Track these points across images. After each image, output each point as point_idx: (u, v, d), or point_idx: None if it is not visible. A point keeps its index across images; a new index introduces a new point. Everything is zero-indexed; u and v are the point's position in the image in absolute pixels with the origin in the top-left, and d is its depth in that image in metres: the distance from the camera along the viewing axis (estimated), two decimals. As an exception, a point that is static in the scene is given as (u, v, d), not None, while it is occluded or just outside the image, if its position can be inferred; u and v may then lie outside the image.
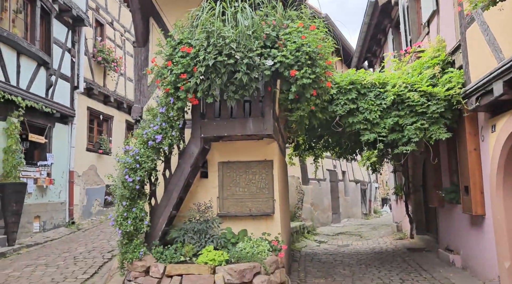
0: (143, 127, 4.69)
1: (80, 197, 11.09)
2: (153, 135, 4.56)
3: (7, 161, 7.96)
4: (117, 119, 13.27)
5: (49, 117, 9.57)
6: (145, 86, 5.93)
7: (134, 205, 4.56)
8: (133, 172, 4.50)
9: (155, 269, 4.46)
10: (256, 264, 4.56)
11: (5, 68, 7.97)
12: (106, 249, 7.68)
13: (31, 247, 8.16)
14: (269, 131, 4.87)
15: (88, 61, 11.40)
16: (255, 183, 5.54)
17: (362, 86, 6.11)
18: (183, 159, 5.00)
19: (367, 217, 19.20)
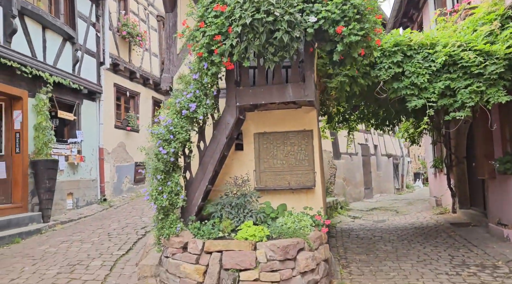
0: (175, 95, 4.38)
1: (111, 174, 11.08)
2: (186, 104, 4.24)
3: (38, 138, 7.90)
4: (143, 96, 13.10)
5: (76, 93, 9.45)
6: (175, 54, 5.58)
7: (169, 179, 4.30)
8: (167, 143, 4.22)
9: (194, 245, 4.22)
10: (299, 240, 4.25)
11: (31, 43, 7.79)
12: (139, 225, 7.59)
13: (65, 223, 8.18)
14: (310, 97, 4.46)
15: (113, 36, 11.15)
16: (293, 154, 5.19)
17: (409, 48, 5.56)
18: (218, 130, 4.68)
19: (400, 192, 18.63)
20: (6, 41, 7.11)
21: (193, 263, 4.18)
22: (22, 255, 5.78)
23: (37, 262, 5.40)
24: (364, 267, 5.48)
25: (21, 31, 7.47)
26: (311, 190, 5.13)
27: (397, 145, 19.80)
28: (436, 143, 10.46)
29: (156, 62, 13.81)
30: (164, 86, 5.51)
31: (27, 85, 7.79)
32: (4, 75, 7.21)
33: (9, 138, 7.67)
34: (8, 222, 6.89)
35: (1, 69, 7.09)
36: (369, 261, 5.76)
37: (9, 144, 7.66)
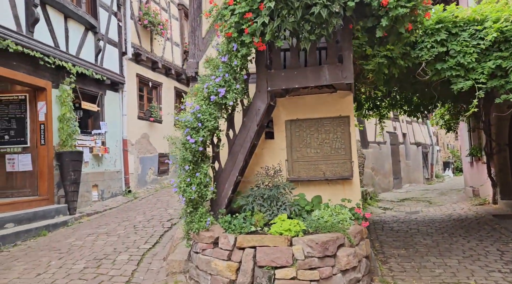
0: (203, 80, 4.08)
1: (135, 165, 10.98)
2: (215, 88, 3.93)
3: (62, 129, 7.80)
4: (165, 86, 12.91)
5: (99, 84, 9.31)
6: (200, 38, 5.27)
7: (198, 169, 4.03)
8: (195, 131, 3.93)
9: (225, 240, 3.95)
10: (339, 235, 3.92)
11: (54, 33, 7.64)
12: (165, 217, 7.42)
13: (91, 215, 8.10)
14: (349, 79, 4.08)
15: (134, 26, 10.94)
16: (328, 142, 4.83)
17: (454, 25, 5.08)
18: (248, 117, 4.36)
19: (429, 182, 17.96)
20: (29, 31, 6.97)
21: (225, 260, 3.91)
22: (48, 248, 5.68)
23: (63, 256, 5.27)
24: (405, 263, 5.11)
25: (43, 21, 7.32)
26: (348, 181, 4.77)
27: (426, 133, 19.06)
28: (474, 130, 9.85)
29: (178, 52, 13.59)
30: (190, 72, 5.22)
31: (50, 76, 7.67)
32: (27, 66, 7.10)
33: (34, 130, 7.59)
34: (34, 215, 6.82)
35: (24, 60, 6.97)
36: (409, 256, 5.38)
37: (34, 135, 7.59)
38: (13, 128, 7.61)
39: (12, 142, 7.60)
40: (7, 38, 6.35)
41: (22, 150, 7.58)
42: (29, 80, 7.14)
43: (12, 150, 7.58)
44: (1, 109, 7.64)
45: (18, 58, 6.83)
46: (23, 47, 6.69)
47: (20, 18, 6.79)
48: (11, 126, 7.62)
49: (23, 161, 7.55)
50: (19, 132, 7.61)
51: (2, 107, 7.64)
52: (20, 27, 6.77)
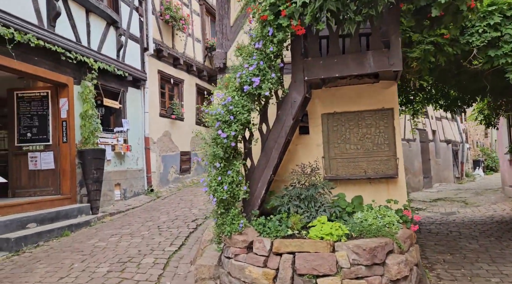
0: (235, 69, 3.71)
1: (157, 164, 10.75)
2: (249, 78, 3.57)
3: (84, 126, 7.60)
4: (187, 83, 12.66)
5: (121, 81, 9.10)
6: (228, 26, 4.93)
7: (229, 167, 3.68)
8: (227, 125, 3.58)
9: (260, 245, 3.59)
10: (387, 240, 3.51)
11: (75, 27, 7.45)
12: (189, 217, 7.12)
13: (114, 215, 7.89)
14: (397, 66, 3.66)
15: (156, 21, 10.71)
16: (370, 137, 4.41)
17: (509, 7, 4.56)
18: (283, 110, 3.98)
19: (460, 181, 17.18)
20: (50, 25, 6.78)
21: (261, 266, 3.55)
22: (71, 250, 5.45)
23: (86, 258, 5.02)
24: (454, 270, 4.64)
25: (64, 15, 7.13)
26: (393, 180, 4.34)
27: (456, 130, 18.26)
28: (516, 126, 9.20)
29: (199, 48, 13.32)
30: (217, 63, 4.88)
31: (72, 72, 7.48)
32: (49, 61, 6.91)
33: (56, 128, 7.42)
34: (57, 214, 6.63)
35: (46, 55, 6.79)
36: (457, 263, 4.91)
37: (56, 133, 7.42)
38: (35, 125, 7.46)
39: (34, 140, 7.45)
40: (28, 32, 6.16)
41: (44, 148, 7.43)
42: (51, 76, 6.96)
43: (34, 147, 7.44)
44: (24, 106, 7.50)
45: (40, 54, 6.65)
46: (44, 42, 6.50)
47: (42, 12, 6.60)
48: (33, 123, 7.47)
49: (46, 159, 7.39)
50: (41, 130, 7.46)
51: (25, 104, 7.50)
52: (41, 21, 6.58)
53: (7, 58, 5.97)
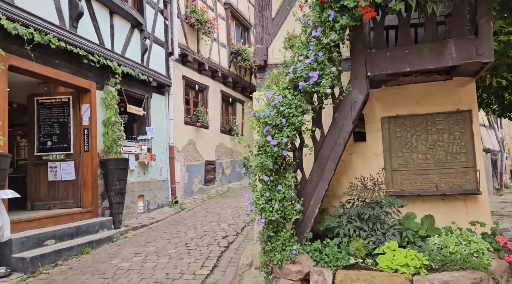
0: (286, 63, 3.09)
1: (181, 174, 10.20)
2: (304, 72, 2.94)
3: (107, 134, 7.11)
4: (212, 89, 12.15)
5: (145, 86, 8.63)
6: (269, 19, 4.32)
7: (280, 181, 3.04)
8: (278, 130, 2.95)
9: (319, 277, 2.92)
10: (482, 276, 2.79)
11: (99, 29, 7.01)
12: (219, 234, 6.49)
13: (137, 229, 7.34)
14: (487, 56, 2.98)
15: (181, 25, 10.25)
16: (442, 145, 3.69)
17: None
18: (340, 112, 3.33)
19: (500, 192, 15.99)
20: (72, 26, 6.35)
21: (321, 305, 2.87)
22: (91, 271, 4.88)
23: (108, 283, 4.44)
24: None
25: (87, 15, 6.70)
26: (472, 197, 3.60)
27: (494, 138, 17.10)
28: None
29: (225, 53, 12.82)
30: (257, 60, 4.27)
31: (94, 76, 7.04)
32: (70, 64, 6.47)
33: (77, 135, 6.95)
34: (77, 229, 6.11)
35: (67, 58, 6.35)
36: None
37: (78, 141, 6.95)
38: (56, 133, 7.02)
39: (54, 149, 7.00)
40: (49, 33, 5.73)
41: (65, 157, 6.96)
42: (72, 80, 6.51)
43: (54, 157, 6.98)
44: (44, 113, 7.08)
45: (61, 56, 6.21)
46: (66, 43, 6.06)
47: (63, 12, 6.18)
48: (54, 131, 7.03)
49: (66, 169, 6.91)
50: (62, 138, 7.01)
51: (45, 111, 7.08)
52: (63, 22, 6.15)
53: (26, 60, 5.54)
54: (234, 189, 12.59)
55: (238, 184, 13.46)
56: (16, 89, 7.61)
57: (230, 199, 10.45)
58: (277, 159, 3.01)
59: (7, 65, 5.26)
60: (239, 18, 13.96)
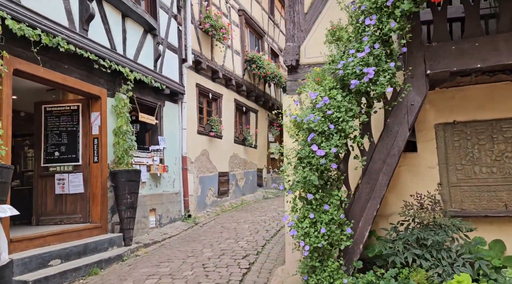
0: (333, 58, 2.59)
1: (194, 186, 9.70)
2: (357, 68, 2.43)
3: (118, 144, 6.66)
4: (225, 98, 11.71)
5: (158, 94, 8.21)
6: (301, 13, 3.84)
7: (326, 199, 2.50)
8: (325, 138, 2.43)
9: (379, 320, 2.35)
10: None
11: (110, 33, 6.62)
12: (237, 252, 5.96)
13: (149, 246, 6.83)
14: None
15: (195, 31, 9.87)
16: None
17: None
18: (394, 117, 2.82)
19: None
20: (83, 29, 5.95)
21: None
22: (100, 297, 4.38)
23: (118, 312, 3.92)
24: None
25: (98, 18, 6.31)
26: (552, 218, 3.03)
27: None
28: None
29: (239, 61, 12.42)
30: (289, 60, 3.78)
31: (105, 82, 6.62)
32: (80, 70, 6.07)
33: (86, 145, 6.51)
34: (85, 247, 5.62)
35: (77, 63, 5.95)
36: None
37: (87, 151, 6.50)
38: (64, 143, 6.59)
39: (62, 159, 6.56)
40: (58, 35, 5.32)
41: (73, 169, 6.51)
42: (82, 86, 6.09)
43: (62, 168, 6.54)
44: (52, 122, 6.67)
45: (70, 60, 5.81)
46: (75, 46, 5.65)
47: (73, 13, 5.79)
48: (62, 141, 6.60)
49: (74, 182, 6.46)
50: (71, 148, 6.57)
51: (53, 119, 6.66)
52: (72, 24, 5.76)
53: (32, 64, 5.13)
54: (248, 201, 12.04)
55: (252, 196, 12.92)
56: (24, 97, 7.25)
57: (245, 212, 9.90)
58: (323, 172, 2.49)
59: (12, 69, 4.85)
60: (253, 25, 13.59)
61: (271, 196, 13.19)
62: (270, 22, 15.46)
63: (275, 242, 6.62)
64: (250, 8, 13.53)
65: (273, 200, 11.95)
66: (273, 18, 15.75)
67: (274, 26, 15.87)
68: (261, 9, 14.62)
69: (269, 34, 15.09)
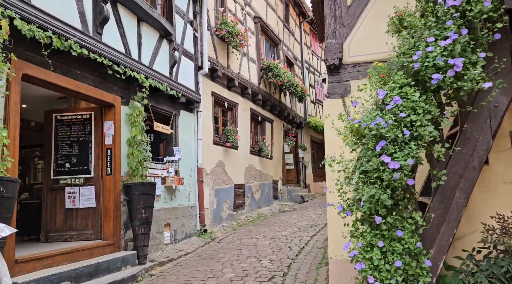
0: (404, 50, 2.11)
1: (210, 199, 9.23)
2: (440, 59, 1.95)
3: (132, 155, 6.24)
4: (241, 107, 11.30)
5: (173, 102, 7.82)
6: (344, 7, 3.39)
7: (399, 223, 2.00)
8: (398, 147, 1.94)
9: None
10: None
11: (125, 37, 6.25)
12: (262, 274, 5.44)
13: (164, 265, 6.35)
14: None
15: (211, 37, 9.51)
16: None
17: None
18: (474, 121, 2.34)
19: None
20: (96, 33, 5.59)
21: None
22: (113, 327, 3.89)
23: None
24: None
25: (113, 21, 5.96)
26: None
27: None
28: None
29: (255, 69, 12.03)
30: (331, 59, 3.33)
31: (119, 89, 6.24)
32: (93, 76, 5.69)
33: (99, 156, 6.10)
34: (96, 267, 5.16)
35: (90, 68, 5.58)
36: None
37: (99, 163, 6.09)
38: (75, 154, 6.19)
39: (73, 172, 6.16)
40: (70, 38, 4.95)
41: (84, 181, 6.10)
42: (95, 93, 5.70)
43: (73, 181, 6.13)
44: (63, 131, 6.29)
45: (82, 65, 5.44)
46: (89, 51, 5.28)
47: (87, 16, 5.44)
48: (73, 152, 6.21)
49: (86, 195, 6.04)
50: (82, 160, 6.17)
51: (64, 129, 6.29)
52: (86, 27, 5.40)
53: (42, 69, 4.75)
54: (265, 215, 11.52)
55: (268, 209, 12.40)
56: (34, 105, 6.92)
57: (263, 227, 9.38)
58: (395, 190, 2.00)
59: (21, 74, 4.47)
60: (269, 33, 13.24)
61: (288, 209, 12.65)
62: (285, 30, 15.11)
63: (301, 261, 6.09)
64: (266, 15, 13.20)
65: (290, 214, 11.40)
66: (288, 26, 15.41)
67: (289, 34, 15.52)
68: (276, 16, 14.29)
69: (284, 42, 14.73)
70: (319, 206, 12.61)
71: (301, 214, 10.97)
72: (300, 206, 13.22)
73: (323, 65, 19.82)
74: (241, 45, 10.15)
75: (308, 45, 17.92)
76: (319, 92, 18.89)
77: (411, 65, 2.06)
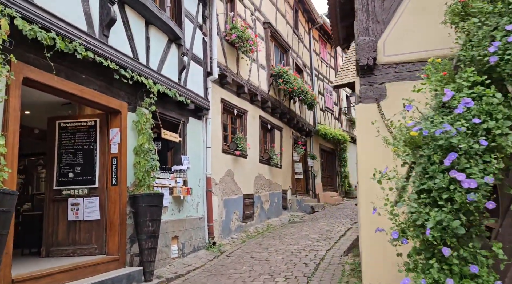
0: (474, 43, 1.74)
1: (218, 209, 8.85)
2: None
3: (138, 164, 5.89)
4: (250, 114, 10.95)
5: (182, 109, 7.48)
6: (377, 1, 3.02)
7: (471, 256, 1.60)
8: (474, 161, 1.56)
9: None
10: None
11: (133, 40, 5.95)
12: (279, 293, 5.03)
13: (171, 281, 5.97)
14: None
15: (220, 42, 9.21)
16: None
17: None
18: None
19: None
20: (103, 35, 5.29)
21: None
22: None
23: None
24: None
25: (120, 23, 5.66)
26: None
27: None
28: None
29: (264, 76, 11.71)
30: (364, 58, 2.97)
31: (126, 95, 5.92)
32: (99, 81, 5.37)
33: (104, 166, 5.76)
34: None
35: (96, 72, 5.26)
36: None
37: (104, 172, 5.75)
38: (79, 163, 5.86)
39: (77, 182, 5.82)
40: (75, 40, 4.64)
41: (88, 192, 5.76)
42: (101, 99, 5.38)
43: (76, 192, 5.78)
44: (67, 139, 5.97)
45: (87, 69, 5.13)
46: (94, 54, 4.96)
47: (93, 17, 5.14)
48: (77, 161, 5.87)
49: (90, 207, 5.69)
50: (86, 169, 5.83)
51: (68, 136, 5.97)
52: (91, 28, 5.09)
53: (45, 73, 4.43)
54: (275, 226, 11.10)
55: (278, 220, 11.98)
56: (38, 112, 6.61)
57: (274, 239, 8.96)
58: (470, 214, 1.61)
59: (21, 77, 4.15)
60: (278, 39, 12.94)
61: (298, 220, 12.23)
62: (295, 37, 14.82)
63: (318, 280, 5.67)
64: (275, 21, 12.92)
65: (301, 225, 10.97)
66: (297, 33, 15.12)
67: (298, 41, 15.22)
68: (286, 23, 14.01)
69: (293, 48, 14.43)
70: (330, 217, 12.18)
71: (312, 226, 10.53)
72: (310, 217, 12.79)
73: (332, 73, 19.46)
74: (251, 50, 9.84)
75: (317, 52, 17.61)
76: (328, 100, 18.54)
77: (486, 59, 1.70)
